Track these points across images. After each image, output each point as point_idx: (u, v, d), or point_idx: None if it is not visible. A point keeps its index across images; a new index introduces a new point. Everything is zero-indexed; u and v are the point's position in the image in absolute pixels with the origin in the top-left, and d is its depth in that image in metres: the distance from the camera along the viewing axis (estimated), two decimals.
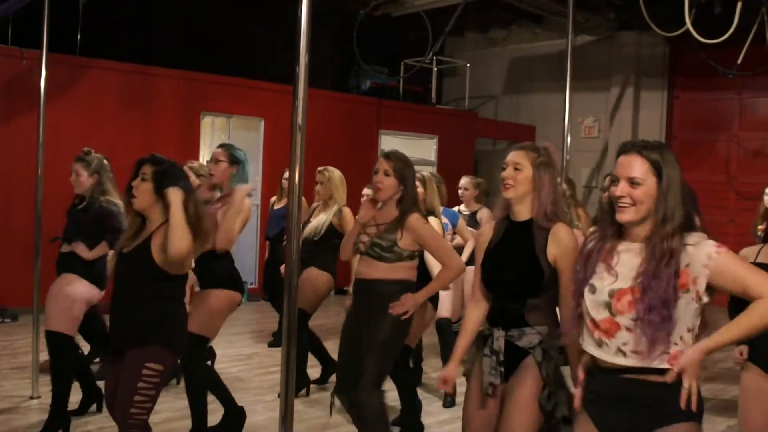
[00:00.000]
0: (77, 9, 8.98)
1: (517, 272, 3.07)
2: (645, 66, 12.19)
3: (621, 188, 2.45)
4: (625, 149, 2.51)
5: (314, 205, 6.13)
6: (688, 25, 7.38)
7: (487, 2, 11.09)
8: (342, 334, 4.12)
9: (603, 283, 2.49)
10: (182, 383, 4.92)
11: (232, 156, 4.60)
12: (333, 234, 5.67)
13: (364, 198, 4.57)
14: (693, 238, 2.41)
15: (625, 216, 2.46)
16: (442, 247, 3.98)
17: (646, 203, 2.43)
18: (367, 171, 12.65)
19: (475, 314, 3.20)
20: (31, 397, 5.29)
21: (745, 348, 3.85)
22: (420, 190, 4.78)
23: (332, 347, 5.02)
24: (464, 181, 6.86)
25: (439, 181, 5.64)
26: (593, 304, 2.50)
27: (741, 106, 11.48)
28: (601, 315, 2.47)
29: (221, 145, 4.76)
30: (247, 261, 10.13)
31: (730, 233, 10.40)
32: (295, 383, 2.71)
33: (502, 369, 3.02)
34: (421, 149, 12.25)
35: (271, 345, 7.35)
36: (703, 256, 2.37)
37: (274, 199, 7.54)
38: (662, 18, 8.82)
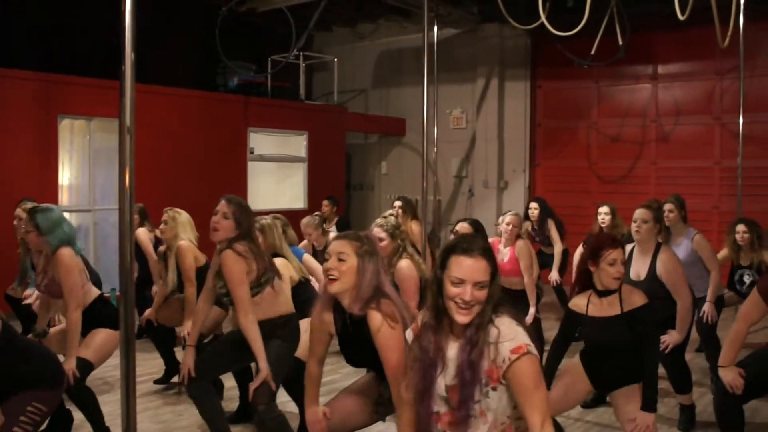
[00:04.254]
0: None
1: (371, 363, 3.26)
2: (508, 57, 12.52)
3: (470, 293, 2.46)
4: (467, 250, 2.51)
5: (162, 248, 6.19)
6: (543, 18, 7.61)
7: None
8: (226, 336, 4.27)
9: (442, 376, 2.57)
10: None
11: (37, 226, 4.42)
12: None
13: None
14: (493, 333, 2.47)
15: (466, 319, 2.49)
16: (234, 285, 3.98)
17: (483, 302, 2.50)
18: (236, 171, 12.50)
19: (317, 370, 3.49)
20: None
21: None
22: (260, 239, 4.68)
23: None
24: (306, 220, 6.76)
25: (284, 224, 5.65)
26: (438, 398, 2.59)
27: (599, 95, 11.97)
28: (443, 409, 2.57)
29: (28, 212, 4.60)
30: (114, 267, 9.74)
31: (593, 216, 10.84)
32: (135, 396, 2.59)
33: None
34: (292, 146, 12.16)
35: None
36: (501, 356, 2.45)
37: None
38: (520, 11, 9.08)
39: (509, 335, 2.45)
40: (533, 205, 8.30)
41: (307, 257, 5.78)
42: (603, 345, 3.98)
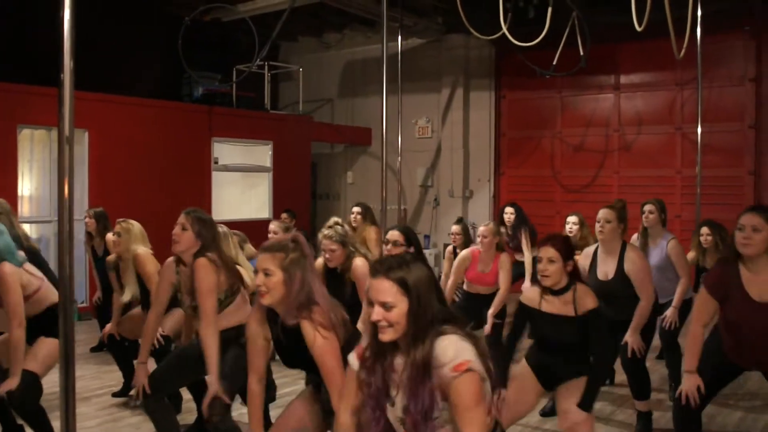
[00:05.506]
0: None
1: (306, 365, 3.27)
2: (473, 67, 12.61)
3: (376, 312, 2.54)
4: (374, 272, 2.60)
5: (111, 257, 6.13)
6: (504, 29, 7.67)
7: (319, 7, 11.08)
8: (180, 350, 4.24)
9: (397, 398, 2.60)
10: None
11: None
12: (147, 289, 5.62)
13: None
14: (437, 351, 2.50)
15: (386, 336, 2.55)
16: (203, 295, 3.97)
17: (402, 322, 2.54)
18: (200, 181, 12.37)
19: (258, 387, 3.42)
20: None
21: None
22: None
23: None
24: (273, 226, 6.73)
25: (242, 240, 5.61)
26: (394, 420, 2.61)
27: (562, 104, 12.07)
28: (401, 427, 2.60)
29: None
30: (77, 279, 9.61)
31: (557, 225, 10.94)
32: (75, 412, 2.55)
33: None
34: (257, 155, 12.10)
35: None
36: (444, 374, 2.47)
37: None
38: (484, 21, 9.14)
39: (450, 353, 2.46)
40: (509, 209, 8.19)
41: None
42: (553, 341, 4.02)
